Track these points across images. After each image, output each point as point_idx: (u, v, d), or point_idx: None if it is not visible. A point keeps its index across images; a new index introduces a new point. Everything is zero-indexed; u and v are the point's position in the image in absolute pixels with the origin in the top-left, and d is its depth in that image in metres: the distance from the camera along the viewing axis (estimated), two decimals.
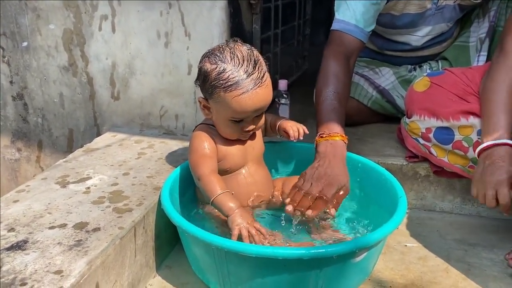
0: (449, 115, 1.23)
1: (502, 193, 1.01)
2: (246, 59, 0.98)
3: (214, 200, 0.99)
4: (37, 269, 0.80)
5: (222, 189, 0.99)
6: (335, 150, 1.12)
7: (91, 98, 1.61)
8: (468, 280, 1.04)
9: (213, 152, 1.06)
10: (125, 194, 1.09)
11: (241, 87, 0.96)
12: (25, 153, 1.77)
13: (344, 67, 1.31)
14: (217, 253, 0.88)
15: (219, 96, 0.98)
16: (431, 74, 1.36)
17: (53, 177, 1.17)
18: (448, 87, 1.27)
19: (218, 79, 0.97)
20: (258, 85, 0.97)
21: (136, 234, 0.97)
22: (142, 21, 1.46)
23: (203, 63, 1.01)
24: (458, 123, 1.22)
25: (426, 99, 1.30)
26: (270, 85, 1.01)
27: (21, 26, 1.58)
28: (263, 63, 1.02)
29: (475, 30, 1.66)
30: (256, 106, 0.99)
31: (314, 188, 1.05)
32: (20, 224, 0.94)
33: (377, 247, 0.94)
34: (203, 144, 1.05)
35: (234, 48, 0.99)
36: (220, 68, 0.97)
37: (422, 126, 1.29)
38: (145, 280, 1.03)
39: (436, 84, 1.30)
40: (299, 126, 1.14)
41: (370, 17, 1.38)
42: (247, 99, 0.97)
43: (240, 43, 1.02)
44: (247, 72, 0.97)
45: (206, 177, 1.01)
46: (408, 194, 1.28)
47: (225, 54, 0.98)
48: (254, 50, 1.02)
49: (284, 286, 0.88)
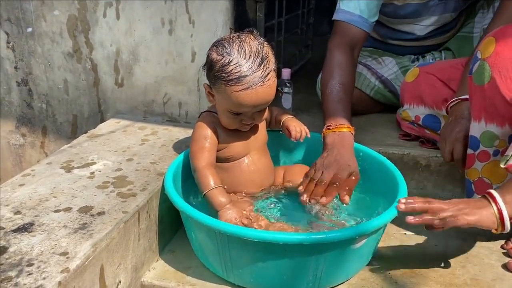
0: (433, 103, 1.30)
1: (457, 149, 1.12)
2: (254, 55, 0.97)
3: (206, 193, 1.02)
4: (43, 251, 0.81)
5: (215, 184, 1.02)
6: (342, 140, 1.14)
7: (95, 84, 1.62)
8: (466, 268, 1.05)
9: (212, 144, 1.07)
10: (129, 179, 1.10)
11: (242, 83, 0.96)
12: (29, 139, 1.78)
13: (349, 58, 1.32)
14: (219, 237, 0.90)
15: (220, 87, 0.99)
16: (421, 64, 1.43)
17: (58, 162, 1.19)
18: (435, 72, 1.33)
19: (221, 71, 0.97)
20: (259, 84, 0.96)
21: (140, 219, 0.99)
22: (146, 8, 1.46)
23: (211, 51, 1.01)
24: (442, 112, 1.28)
25: (415, 87, 1.36)
26: (274, 84, 1.00)
27: (25, 11, 1.58)
28: (272, 61, 1.00)
29: (479, 20, 1.65)
30: (254, 104, 0.99)
31: (325, 175, 1.07)
32: (26, 207, 0.96)
33: (377, 234, 0.95)
34: (204, 135, 1.07)
35: (244, 42, 0.98)
36: (225, 60, 0.97)
37: (412, 114, 1.36)
38: (148, 263, 1.05)
39: (424, 71, 1.36)
40: (302, 128, 1.15)
41: (374, 7, 1.38)
42: (246, 96, 0.97)
43: (254, 36, 1.01)
44: (251, 69, 0.96)
45: (201, 170, 1.04)
46: (409, 183, 1.28)
47: (233, 46, 0.97)
48: (265, 46, 1.00)
49: (284, 270, 0.90)
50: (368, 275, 1.02)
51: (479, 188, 1.07)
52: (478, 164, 1.06)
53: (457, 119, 1.14)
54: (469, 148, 1.07)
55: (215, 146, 1.08)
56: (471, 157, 1.07)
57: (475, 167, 1.08)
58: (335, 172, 1.07)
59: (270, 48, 1.02)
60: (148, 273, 1.04)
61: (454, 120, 1.15)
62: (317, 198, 1.07)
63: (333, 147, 1.13)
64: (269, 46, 1.02)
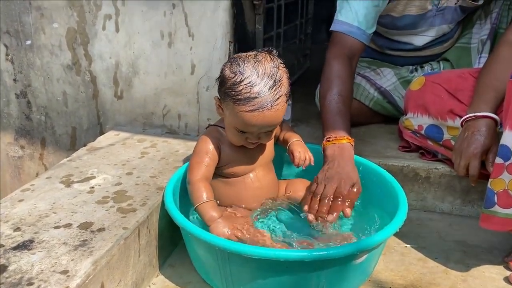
0: (438, 113, 1.29)
1: (473, 165, 1.12)
2: (266, 77, 0.96)
3: (198, 207, 1.01)
4: (43, 269, 0.81)
5: (208, 198, 1.02)
6: (342, 152, 1.14)
7: (94, 96, 1.62)
8: (467, 281, 1.05)
9: (212, 160, 1.07)
10: (129, 194, 1.10)
11: (250, 104, 0.95)
12: (28, 151, 1.78)
13: (347, 69, 1.32)
14: (219, 254, 0.90)
15: (229, 104, 0.99)
16: (428, 73, 1.42)
17: (57, 176, 1.18)
18: (441, 82, 1.32)
19: (231, 88, 0.97)
20: (267, 108, 0.95)
21: (140, 234, 0.99)
22: (146, 21, 1.47)
23: (225, 67, 1.00)
24: (446, 123, 1.28)
25: (420, 96, 1.35)
26: (282, 109, 0.99)
27: (25, 24, 1.59)
28: (284, 85, 0.99)
29: (477, 31, 1.66)
30: (260, 126, 0.99)
31: (328, 189, 1.08)
32: (26, 223, 0.95)
33: (377, 249, 0.95)
34: (205, 150, 1.07)
35: (260, 62, 0.97)
36: (237, 79, 0.96)
37: (415, 123, 1.36)
38: (149, 279, 1.04)
39: (430, 81, 1.35)
40: (307, 155, 1.13)
41: (371, 19, 1.39)
42: (252, 118, 0.96)
43: (271, 57, 1.00)
44: (261, 92, 0.95)
45: (195, 183, 1.04)
46: (409, 195, 1.28)
47: (247, 66, 0.97)
48: (280, 69, 0.99)
49: (285, 286, 0.89)
50: None
51: (502, 201, 1.01)
52: (506, 176, 1.00)
53: (474, 135, 1.13)
54: (499, 157, 1.01)
55: (214, 162, 1.07)
56: (500, 167, 1.01)
57: (502, 178, 1.01)
58: (337, 184, 1.08)
59: (285, 71, 1.01)
60: None
61: (470, 136, 1.13)
62: (323, 216, 1.07)
63: (334, 159, 1.13)
64: (285, 70, 1.01)
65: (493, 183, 1.01)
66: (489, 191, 1.02)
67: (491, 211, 1.02)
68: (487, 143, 1.11)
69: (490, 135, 1.12)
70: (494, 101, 1.15)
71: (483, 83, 1.20)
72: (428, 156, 1.36)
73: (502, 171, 1.00)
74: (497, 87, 1.16)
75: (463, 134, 1.16)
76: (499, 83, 1.15)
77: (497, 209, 1.01)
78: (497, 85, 1.16)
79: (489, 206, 1.02)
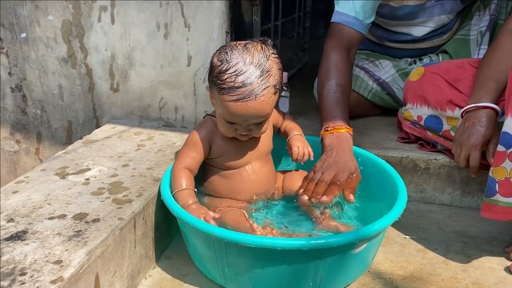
0: (437, 104, 1.28)
1: (473, 156, 1.12)
2: (253, 67, 0.92)
3: (175, 194, 1.01)
4: (36, 259, 0.80)
5: (186, 186, 1.01)
6: (341, 141, 1.13)
7: (90, 90, 1.60)
8: (468, 272, 1.04)
9: (199, 152, 1.06)
10: (125, 185, 1.09)
11: (233, 94, 0.92)
12: (24, 145, 1.76)
13: (344, 59, 1.31)
14: (216, 244, 0.88)
15: (215, 93, 0.97)
16: (427, 64, 1.40)
17: (52, 168, 1.17)
18: (441, 72, 1.31)
19: (217, 77, 0.94)
20: (251, 98, 0.92)
21: (136, 225, 0.97)
22: (141, 12, 1.45)
23: (214, 55, 0.98)
24: (445, 114, 1.26)
25: (419, 87, 1.34)
26: (269, 101, 0.94)
27: (19, 17, 1.57)
28: (274, 76, 0.95)
29: (476, 23, 1.65)
30: (245, 117, 0.95)
31: (326, 175, 1.06)
32: (20, 214, 0.94)
33: (377, 238, 0.94)
34: (194, 141, 1.06)
35: (248, 50, 0.94)
36: (222, 68, 0.94)
37: (414, 114, 1.35)
38: (145, 271, 1.03)
39: (429, 71, 1.34)
40: (306, 150, 1.11)
41: (369, 9, 1.37)
42: (235, 108, 0.93)
43: (263, 46, 0.96)
44: (246, 81, 0.91)
45: (176, 172, 1.04)
46: (408, 186, 1.27)
47: (234, 54, 0.93)
48: (270, 60, 0.95)
49: (283, 277, 0.88)
50: (368, 280, 1.00)
51: (504, 189, 1.00)
52: (508, 164, 0.98)
53: (474, 126, 1.12)
54: (501, 145, 0.99)
55: (202, 153, 1.06)
56: (502, 155, 0.99)
57: (503, 166, 1.00)
58: (335, 173, 1.06)
59: (276, 62, 0.97)
60: (145, 280, 1.02)
61: (471, 127, 1.12)
62: (317, 197, 1.05)
63: (332, 148, 1.12)
64: (276, 60, 0.97)
65: (494, 172, 1.00)
66: (491, 180, 1.00)
67: (492, 200, 1.01)
68: (487, 134, 1.11)
69: (491, 126, 1.11)
70: (494, 92, 1.14)
71: (484, 73, 1.19)
72: (428, 147, 1.35)
73: (504, 159, 0.98)
74: (498, 78, 1.14)
75: (464, 125, 1.15)
76: (500, 73, 1.14)
77: (499, 198, 1.00)
78: (498, 76, 1.15)
79: (490, 195, 1.01)
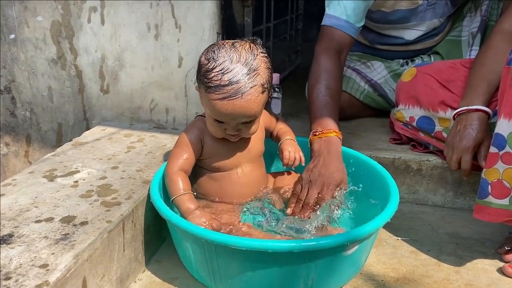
0: (429, 105, 1.28)
1: (465, 159, 1.12)
2: (240, 65, 0.91)
3: (175, 199, 1.00)
4: (22, 263, 0.78)
5: (185, 190, 1.00)
6: (329, 146, 1.12)
7: (80, 91, 1.59)
8: (460, 273, 1.03)
9: (191, 152, 1.04)
10: (114, 187, 1.07)
11: (219, 92, 0.91)
12: (13, 148, 1.74)
13: (335, 62, 1.31)
14: (206, 246, 0.87)
15: (203, 92, 0.96)
16: (419, 64, 1.40)
17: (40, 171, 1.15)
18: (433, 73, 1.31)
19: (204, 76, 0.94)
20: (237, 97, 0.91)
21: (125, 228, 0.96)
22: (131, 13, 1.44)
23: (202, 54, 0.97)
24: (438, 115, 1.26)
25: (411, 88, 1.34)
26: (256, 100, 0.93)
27: (8, 18, 1.55)
28: (261, 75, 0.94)
29: (467, 24, 1.65)
30: (232, 116, 0.94)
31: (311, 194, 1.05)
32: (6, 218, 0.92)
33: (368, 240, 0.93)
34: (185, 142, 1.04)
35: (235, 49, 0.93)
36: (209, 66, 0.93)
37: (406, 114, 1.34)
38: (134, 274, 1.01)
39: (421, 72, 1.34)
40: (297, 155, 1.11)
41: (361, 13, 1.38)
42: (221, 106, 0.92)
43: (252, 45, 0.95)
44: (232, 80, 0.91)
45: (172, 175, 1.02)
46: (400, 188, 1.27)
47: (221, 53, 0.93)
48: (258, 59, 0.94)
49: (275, 279, 0.87)
50: (360, 282, 1.00)
51: (496, 191, 0.99)
52: (501, 165, 0.97)
53: (466, 128, 1.12)
54: (493, 146, 0.98)
55: (194, 154, 1.05)
56: (494, 157, 0.98)
57: (496, 168, 0.98)
58: (320, 189, 1.06)
59: (265, 61, 0.96)
60: (134, 284, 1.00)
61: (463, 130, 1.12)
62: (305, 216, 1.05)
63: (320, 154, 1.11)
64: (264, 60, 0.96)
65: (487, 173, 0.99)
66: (483, 181, 1.00)
67: (485, 202, 1.00)
68: (479, 137, 1.10)
69: (483, 129, 1.11)
70: (486, 94, 1.14)
71: (476, 74, 1.18)
72: (420, 148, 1.34)
73: (497, 161, 0.98)
74: (490, 79, 1.14)
75: (455, 127, 1.15)
76: (492, 74, 1.14)
77: (491, 199, 0.99)
78: (490, 77, 1.14)
79: (483, 197, 1.00)
